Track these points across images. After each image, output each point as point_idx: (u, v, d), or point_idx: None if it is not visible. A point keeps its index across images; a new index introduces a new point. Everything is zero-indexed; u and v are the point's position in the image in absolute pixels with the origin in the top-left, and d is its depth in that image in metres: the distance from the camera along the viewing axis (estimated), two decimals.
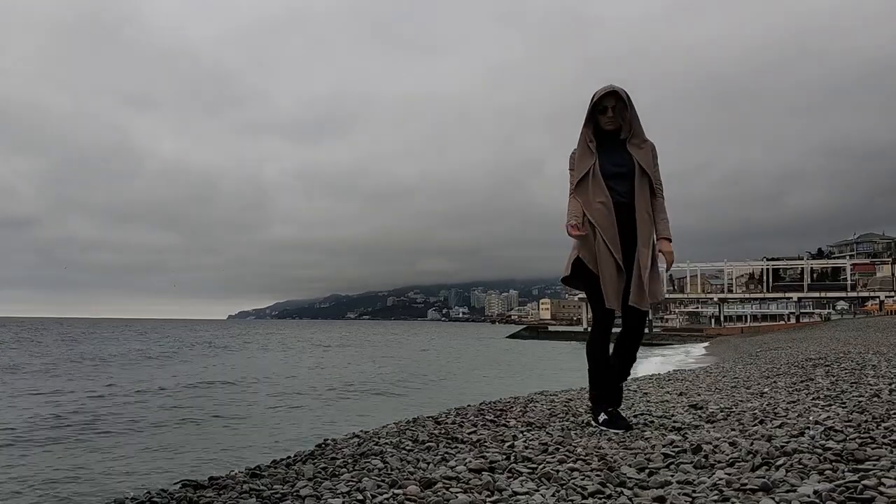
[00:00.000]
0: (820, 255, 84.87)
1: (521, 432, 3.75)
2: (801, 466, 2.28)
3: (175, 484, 3.35)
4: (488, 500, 2.32)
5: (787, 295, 52.61)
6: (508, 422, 4.25)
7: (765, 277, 54.90)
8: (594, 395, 3.77)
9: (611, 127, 3.65)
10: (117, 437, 7.90)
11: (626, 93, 3.61)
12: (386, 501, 2.39)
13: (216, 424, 8.98)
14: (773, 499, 1.97)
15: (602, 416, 3.67)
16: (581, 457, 2.87)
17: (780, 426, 3.21)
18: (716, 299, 55.52)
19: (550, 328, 67.14)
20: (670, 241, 3.68)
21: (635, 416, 3.99)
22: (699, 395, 5.52)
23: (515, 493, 2.37)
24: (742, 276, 64.04)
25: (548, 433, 3.63)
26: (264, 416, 9.80)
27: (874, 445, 2.48)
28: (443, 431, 4.04)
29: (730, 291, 56.53)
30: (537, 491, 2.39)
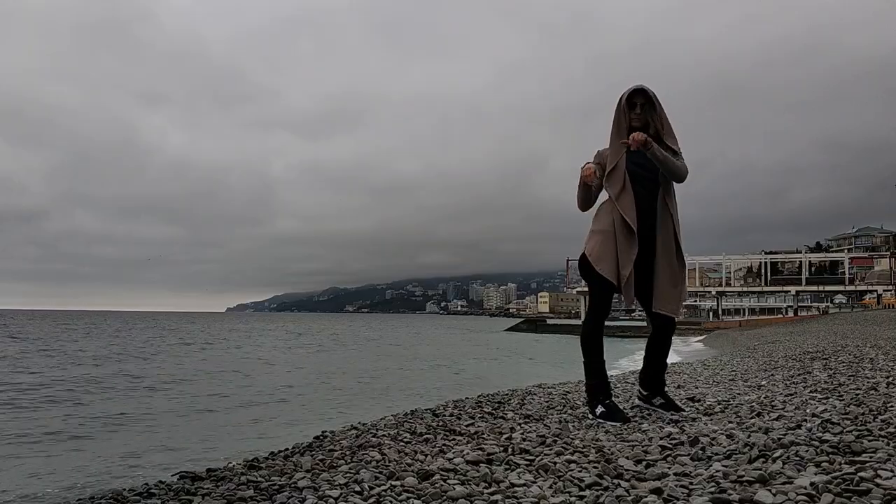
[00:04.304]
0: (818, 248, 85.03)
1: (519, 424, 3.76)
2: (798, 459, 2.29)
3: (173, 476, 3.35)
4: (486, 491, 2.32)
5: (786, 288, 52.62)
6: (506, 414, 4.25)
7: (763, 271, 54.93)
8: (590, 385, 3.79)
9: (637, 124, 3.70)
10: (113, 430, 7.91)
11: (653, 93, 3.69)
12: (384, 493, 2.39)
13: (213, 416, 8.99)
14: (769, 491, 1.97)
15: (599, 409, 3.69)
16: (578, 449, 2.88)
17: (777, 419, 3.22)
18: (714, 293, 55.52)
19: (549, 321, 67.18)
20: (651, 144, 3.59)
21: (632, 409, 4.00)
22: (697, 387, 5.53)
23: (513, 485, 2.38)
24: (740, 269, 64.06)
25: (545, 425, 3.64)
26: (262, 408, 9.80)
27: (871, 438, 2.48)
28: (440, 423, 4.05)
29: (728, 285, 56.52)
30: (535, 482, 2.40)
